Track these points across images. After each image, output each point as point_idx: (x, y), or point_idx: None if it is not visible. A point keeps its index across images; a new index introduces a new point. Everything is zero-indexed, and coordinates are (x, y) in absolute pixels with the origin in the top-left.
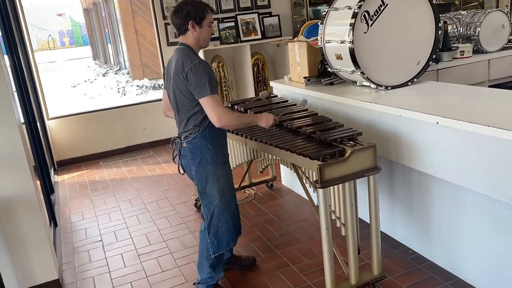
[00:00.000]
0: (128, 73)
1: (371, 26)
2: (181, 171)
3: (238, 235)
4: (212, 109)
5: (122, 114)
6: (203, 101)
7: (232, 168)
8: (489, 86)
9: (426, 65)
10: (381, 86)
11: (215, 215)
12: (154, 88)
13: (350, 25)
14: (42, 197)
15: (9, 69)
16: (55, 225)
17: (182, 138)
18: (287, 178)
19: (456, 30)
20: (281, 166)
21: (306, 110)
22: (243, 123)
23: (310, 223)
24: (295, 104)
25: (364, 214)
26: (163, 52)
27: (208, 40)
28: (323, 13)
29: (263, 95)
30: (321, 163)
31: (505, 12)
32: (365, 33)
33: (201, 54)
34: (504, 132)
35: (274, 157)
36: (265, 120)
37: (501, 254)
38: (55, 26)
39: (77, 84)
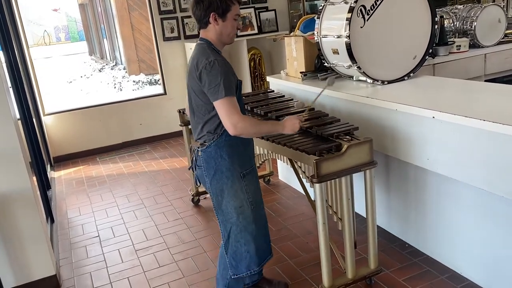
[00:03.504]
0: (124, 69)
1: (367, 20)
2: (198, 182)
3: (267, 259)
4: (226, 114)
5: (119, 109)
6: (217, 104)
7: None
8: (485, 81)
9: (423, 59)
10: (377, 80)
11: (232, 234)
12: (150, 83)
13: (346, 20)
14: (38, 193)
15: (4, 64)
16: (52, 221)
17: (199, 146)
18: (284, 173)
19: (452, 24)
20: (278, 161)
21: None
22: (262, 132)
23: (307, 217)
24: (292, 99)
25: (360, 208)
26: (159, 47)
27: (233, 36)
28: (320, 8)
29: (298, 105)
30: (317, 158)
31: (501, 6)
32: (361, 27)
33: None
34: (500, 126)
35: (271, 152)
36: (291, 126)
37: (497, 247)
38: (50, 21)
39: (73, 80)
